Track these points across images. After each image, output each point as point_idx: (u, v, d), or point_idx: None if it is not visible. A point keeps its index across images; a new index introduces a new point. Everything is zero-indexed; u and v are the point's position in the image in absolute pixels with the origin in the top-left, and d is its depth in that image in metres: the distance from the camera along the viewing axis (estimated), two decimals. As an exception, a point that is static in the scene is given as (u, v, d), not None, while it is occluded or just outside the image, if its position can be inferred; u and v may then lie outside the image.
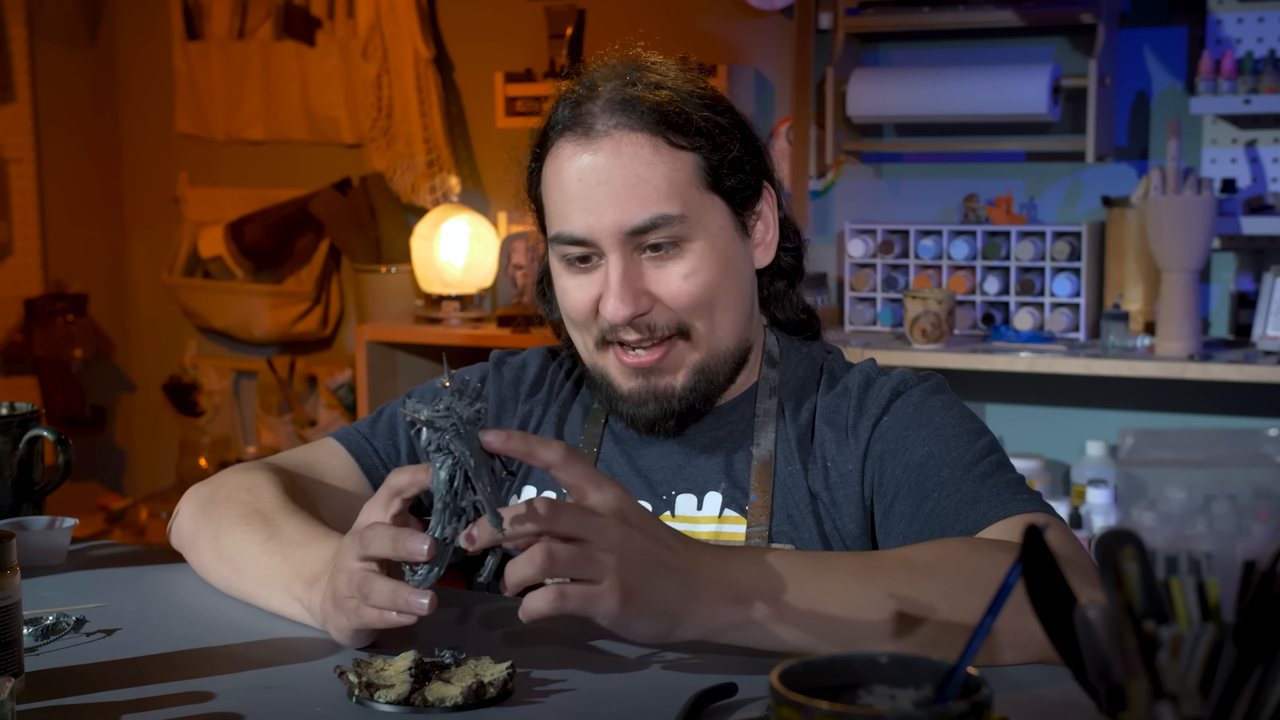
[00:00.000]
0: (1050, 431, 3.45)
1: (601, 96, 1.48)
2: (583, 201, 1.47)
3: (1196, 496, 0.86)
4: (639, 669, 1.26)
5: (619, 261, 1.46)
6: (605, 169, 1.46)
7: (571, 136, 1.49)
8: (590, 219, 1.46)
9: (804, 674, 0.88)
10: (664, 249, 1.47)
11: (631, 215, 1.45)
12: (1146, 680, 0.81)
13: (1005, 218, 3.40)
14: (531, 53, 3.93)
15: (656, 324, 1.48)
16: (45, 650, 1.35)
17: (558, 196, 1.50)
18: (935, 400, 1.51)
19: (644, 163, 1.46)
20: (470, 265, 3.83)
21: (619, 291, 1.46)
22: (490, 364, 1.69)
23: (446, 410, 1.19)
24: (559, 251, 1.51)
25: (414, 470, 1.24)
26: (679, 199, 1.46)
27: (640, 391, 1.50)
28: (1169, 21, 3.32)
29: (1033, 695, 1.18)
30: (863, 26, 3.47)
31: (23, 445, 1.71)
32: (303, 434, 4.36)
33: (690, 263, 1.48)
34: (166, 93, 4.67)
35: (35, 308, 4.56)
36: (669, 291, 1.47)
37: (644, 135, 1.46)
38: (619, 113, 1.47)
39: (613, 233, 1.46)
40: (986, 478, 1.42)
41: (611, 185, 1.46)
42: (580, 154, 1.47)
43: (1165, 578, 0.84)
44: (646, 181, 1.46)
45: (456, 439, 1.18)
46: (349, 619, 1.26)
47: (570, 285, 1.51)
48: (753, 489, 1.50)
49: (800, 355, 1.60)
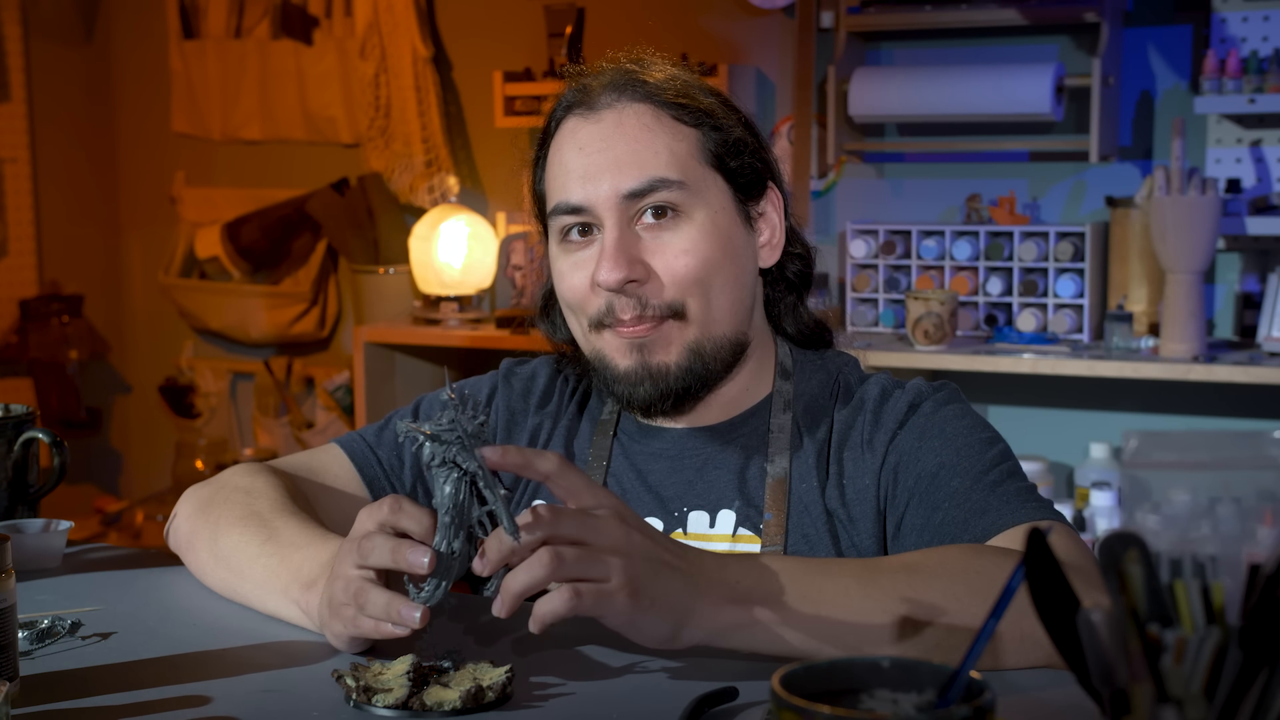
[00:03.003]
0: (1054, 433, 3.44)
1: (605, 77, 1.50)
2: (581, 169, 1.47)
3: (1201, 499, 0.85)
4: (639, 674, 1.25)
5: (614, 227, 1.45)
6: (606, 137, 1.47)
7: (575, 113, 1.50)
8: (587, 186, 1.46)
9: (805, 678, 0.88)
10: (662, 219, 1.46)
11: (629, 179, 1.45)
12: (1150, 684, 0.80)
13: (1008, 218, 3.39)
14: (531, 52, 3.92)
15: (649, 300, 1.46)
16: (40, 654, 1.34)
17: (558, 171, 1.50)
18: (948, 410, 1.50)
19: (646, 129, 1.47)
20: (469, 266, 3.83)
21: (612, 255, 1.44)
22: (500, 375, 1.67)
23: (451, 424, 1.18)
24: (558, 226, 1.50)
25: (419, 515, 1.22)
26: (679, 167, 1.47)
27: (636, 370, 1.48)
28: (1173, 20, 3.32)
29: (1036, 699, 1.17)
30: (865, 25, 3.47)
31: (17, 447, 1.70)
32: (300, 436, 4.35)
33: (689, 236, 1.47)
34: (163, 92, 4.66)
35: (30, 309, 4.55)
36: (665, 264, 1.46)
37: (647, 106, 1.48)
38: (623, 89, 1.48)
39: (609, 197, 1.45)
40: (996, 486, 1.41)
41: (612, 152, 1.46)
42: (582, 126, 1.49)
43: (1170, 581, 0.84)
44: (647, 147, 1.46)
45: (463, 451, 1.18)
46: (345, 627, 1.26)
47: (567, 267, 1.50)
48: (767, 507, 1.49)
49: (815, 367, 1.58)
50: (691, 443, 1.54)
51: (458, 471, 1.18)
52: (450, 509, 1.19)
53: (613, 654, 1.29)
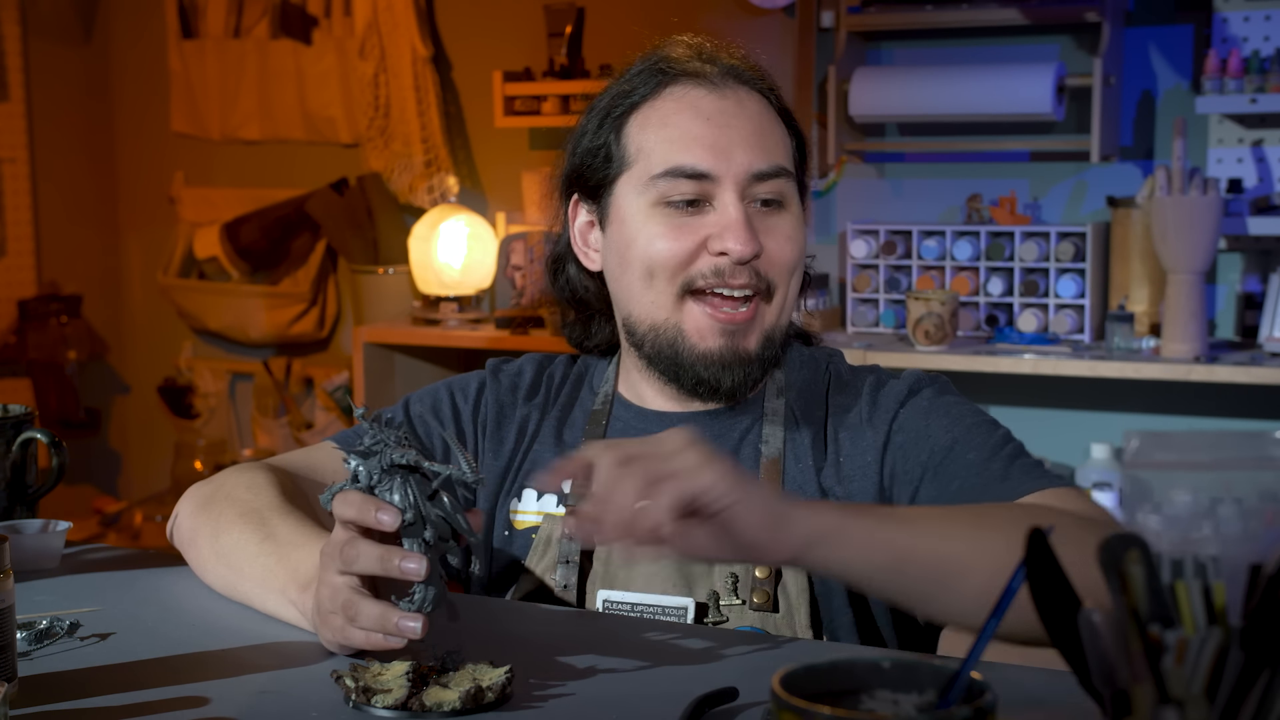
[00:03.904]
0: (1055, 434, 3.44)
1: (714, 55, 1.55)
2: (710, 138, 1.49)
3: (1202, 499, 0.86)
4: (638, 674, 1.25)
5: (738, 202, 1.48)
6: (734, 114, 1.50)
7: (688, 81, 1.52)
8: (718, 156, 1.48)
9: (805, 679, 0.88)
10: (771, 205, 1.51)
11: (758, 159, 1.49)
12: (1151, 685, 0.80)
13: (1009, 218, 3.39)
14: (530, 51, 3.92)
15: (761, 273, 1.49)
16: (39, 655, 1.34)
17: (676, 134, 1.50)
18: (948, 398, 1.53)
19: (767, 118, 1.53)
20: (468, 266, 3.83)
21: (747, 227, 1.47)
22: (487, 372, 1.68)
23: (374, 439, 1.21)
24: (663, 189, 1.49)
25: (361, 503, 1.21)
26: (789, 160, 1.53)
27: (724, 353, 1.50)
28: (1174, 20, 3.31)
29: (1037, 700, 1.17)
30: (865, 25, 3.46)
31: (16, 448, 1.70)
32: (299, 436, 4.35)
33: (791, 223, 1.52)
34: (161, 92, 4.66)
35: (29, 309, 4.55)
36: (775, 244, 1.50)
37: (759, 96, 1.53)
38: (733, 75, 1.53)
39: (739, 172, 1.48)
40: (1013, 459, 1.44)
41: (740, 130, 1.50)
42: (705, 97, 1.51)
43: (1171, 581, 0.83)
44: (769, 134, 1.52)
45: (397, 449, 1.20)
46: (334, 635, 1.26)
47: (661, 231, 1.50)
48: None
49: (804, 358, 1.61)
50: (688, 427, 1.55)
51: (399, 474, 1.20)
52: (408, 509, 1.20)
53: (613, 655, 1.29)
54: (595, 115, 1.56)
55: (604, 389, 1.61)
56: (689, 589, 1.47)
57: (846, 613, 1.47)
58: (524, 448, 1.60)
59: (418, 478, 1.21)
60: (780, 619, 1.45)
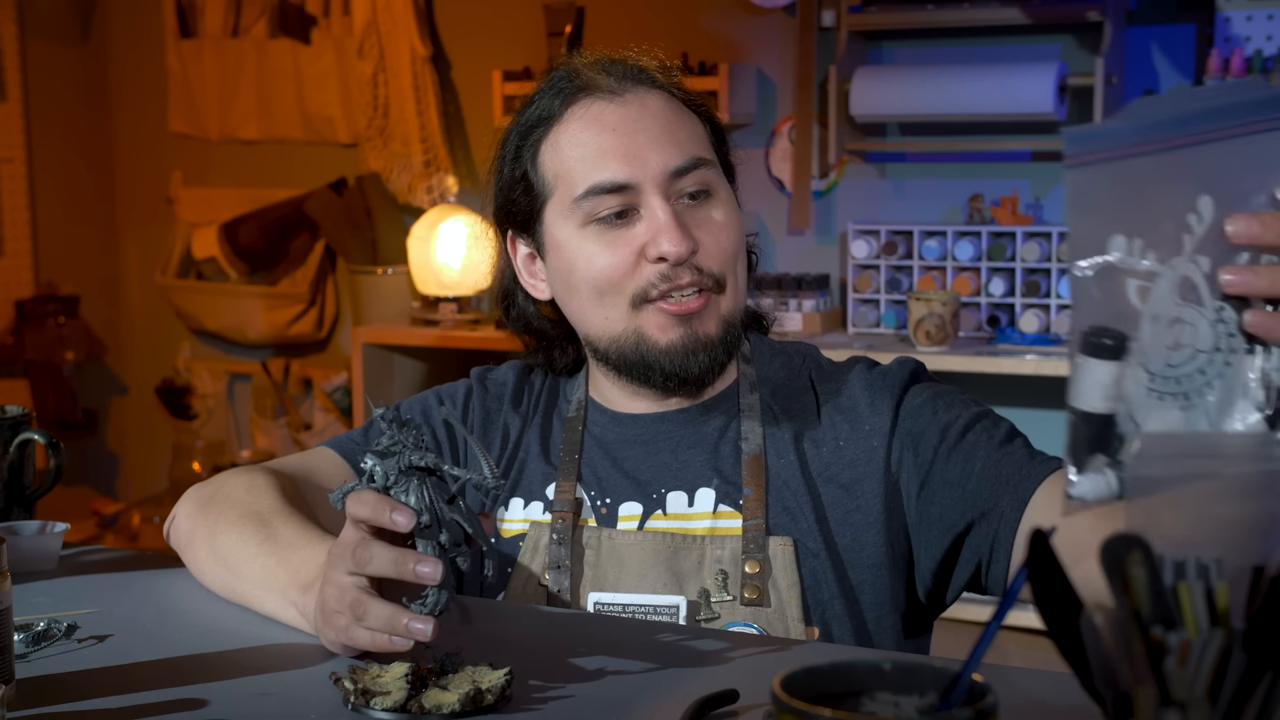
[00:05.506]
0: (1056, 435, 3.40)
1: (601, 67, 1.53)
2: (621, 148, 1.48)
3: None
4: (638, 676, 1.25)
5: (664, 203, 1.48)
6: (638, 118, 1.49)
7: (587, 97, 1.51)
8: (632, 164, 1.48)
9: (806, 681, 0.87)
10: (699, 197, 1.50)
11: (673, 156, 1.48)
12: (1154, 687, 0.80)
13: (1010, 218, 3.39)
14: (530, 51, 3.92)
15: (704, 268, 1.49)
16: (36, 657, 1.33)
17: (587, 152, 1.50)
18: (945, 384, 1.55)
19: (672, 112, 1.51)
20: (467, 266, 3.82)
21: (677, 227, 1.47)
22: (473, 379, 1.69)
23: (392, 440, 1.20)
24: (588, 209, 1.49)
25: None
26: (706, 149, 1.52)
27: (686, 341, 1.50)
28: (1177, 19, 3.31)
29: (1038, 702, 1.17)
30: (866, 24, 3.46)
31: (13, 449, 1.70)
32: (298, 438, 4.35)
33: (723, 210, 1.52)
34: (160, 91, 4.66)
35: (26, 309, 4.55)
36: (711, 237, 1.49)
37: (660, 93, 1.52)
38: (631, 78, 1.52)
39: (656, 174, 1.47)
40: (1026, 445, 1.46)
41: (648, 133, 1.49)
42: (607, 109, 1.50)
43: (1173, 583, 0.83)
44: (679, 128, 1.51)
45: (415, 451, 1.19)
46: (338, 635, 1.25)
47: (598, 249, 1.50)
48: (746, 483, 1.50)
49: (774, 351, 1.61)
50: (664, 427, 1.56)
51: (416, 476, 1.19)
52: (424, 511, 1.19)
53: (613, 657, 1.29)
54: (509, 147, 1.56)
55: (576, 395, 1.62)
56: (679, 587, 1.47)
57: (837, 602, 1.47)
58: (509, 454, 1.61)
59: (434, 480, 1.20)
60: (772, 613, 1.45)
